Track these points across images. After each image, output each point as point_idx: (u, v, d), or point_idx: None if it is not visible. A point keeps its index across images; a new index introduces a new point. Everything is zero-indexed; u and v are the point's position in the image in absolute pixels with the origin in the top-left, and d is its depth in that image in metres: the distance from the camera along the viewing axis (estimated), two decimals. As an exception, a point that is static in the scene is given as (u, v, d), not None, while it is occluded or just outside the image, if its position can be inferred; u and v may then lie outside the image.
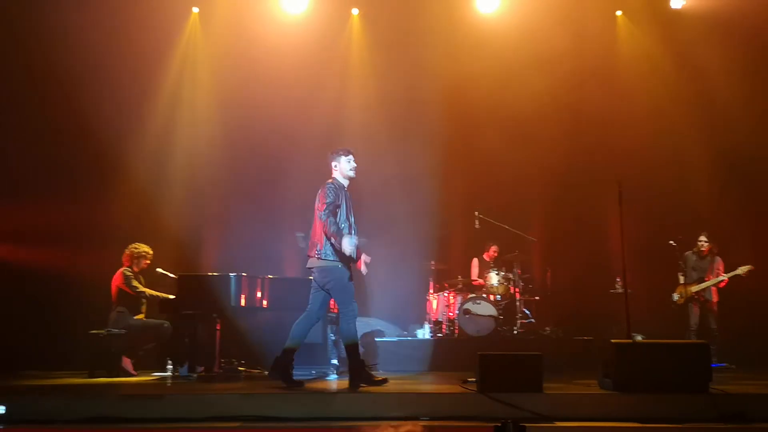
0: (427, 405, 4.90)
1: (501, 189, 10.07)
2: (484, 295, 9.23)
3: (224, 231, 9.71)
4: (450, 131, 9.98)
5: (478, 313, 8.94)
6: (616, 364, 5.22)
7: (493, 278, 9.43)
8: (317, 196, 5.94)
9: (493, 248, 9.84)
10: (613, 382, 5.21)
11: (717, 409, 4.80)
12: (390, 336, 9.07)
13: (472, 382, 5.37)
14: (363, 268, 6.14)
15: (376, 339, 8.75)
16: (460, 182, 10.09)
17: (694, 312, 8.75)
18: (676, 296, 8.93)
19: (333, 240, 5.72)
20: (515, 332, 9.17)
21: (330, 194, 5.80)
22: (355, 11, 10.56)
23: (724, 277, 8.60)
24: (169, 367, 7.55)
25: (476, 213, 9.54)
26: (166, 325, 7.64)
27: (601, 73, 10.00)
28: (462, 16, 10.30)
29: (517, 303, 9.39)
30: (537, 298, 9.77)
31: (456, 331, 9.10)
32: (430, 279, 9.62)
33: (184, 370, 7.23)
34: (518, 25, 10.03)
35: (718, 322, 8.72)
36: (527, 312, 9.52)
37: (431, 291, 9.56)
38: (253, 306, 7.36)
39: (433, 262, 9.62)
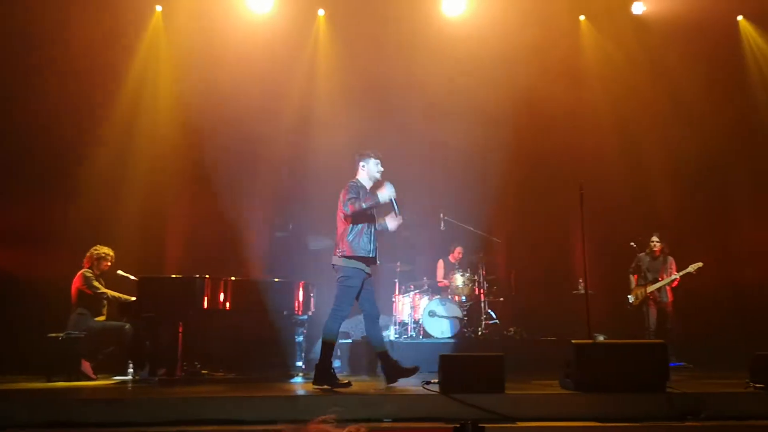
0: (388, 406, 4.89)
1: (466, 191, 10.12)
2: (450, 297, 9.27)
3: (187, 232, 9.60)
4: (415, 132, 10.02)
5: (443, 314, 8.98)
6: (576, 364, 5.27)
7: (459, 279, 9.48)
8: (339, 197, 5.97)
9: (458, 249, 9.89)
10: (574, 382, 5.27)
11: (674, 408, 4.88)
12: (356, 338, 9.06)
13: (434, 383, 5.38)
14: (393, 225, 6.18)
15: (340, 341, 8.71)
16: (425, 184, 10.11)
17: (651, 312, 8.89)
18: (631, 298, 9.07)
19: (365, 204, 5.80)
20: (480, 333, 9.23)
21: (352, 191, 5.89)
22: (321, 12, 10.53)
23: (677, 275, 8.74)
24: (130, 370, 7.43)
25: (441, 215, 9.58)
26: (126, 327, 7.52)
27: (564, 77, 10.12)
28: (428, 19, 10.34)
29: (482, 304, 9.45)
30: (501, 299, 9.84)
31: (421, 333, 9.12)
32: (396, 280, 9.63)
33: (145, 374, 7.12)
34: (483, 29, 10.12)
35: (674, 321, 8.86)
36: (492, 313, 9.58)
37: (396, 292, 9.57)
38: (216, 308, 7.28)
39: (398, 264, 9.63)
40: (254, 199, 9.77)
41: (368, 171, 6.12)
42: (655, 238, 8.99)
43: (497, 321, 9.54)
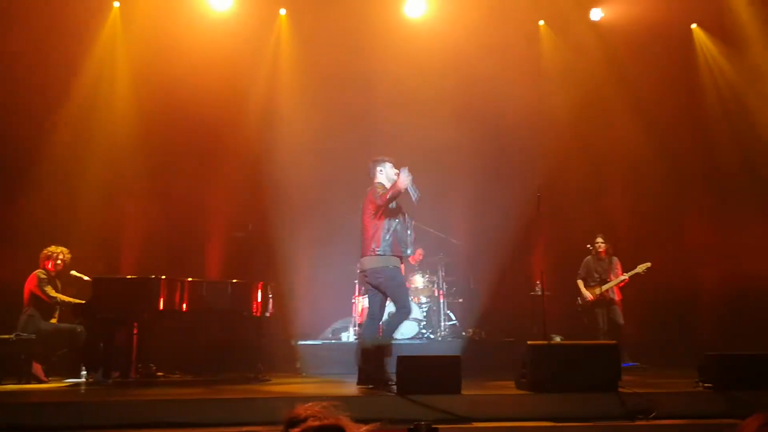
0: (345, 408, 4.87)
1: (426, 192, 10.14)
2: (410, 298, 9.27)
3: (144, 232, 9.45)
4: (376, 132, 10.03)
5: (403, 315, 8.98)
6: (531, 365, 5.35)
7: (419, 281, 9.51)
8: (365, 199, 6.17)
9: (419, 251, 9.92)
10: (529, 382, 5.34)
11: (625, 407, 4.97)
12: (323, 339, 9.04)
13: (391, 384, 5.39)
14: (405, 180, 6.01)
15: (300, 342, 8.69)
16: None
17: (601, 313, 9.00)
18: (580, 300, 9.18)
19: (390, 194, 5.92)
20: (439, 334, 9.28)
21: (378, 188, 6.12)
22: (282, 11, 10.48)
23: (626, 276, 8.88)
24: (83, 373, 7.29)
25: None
26: (79, 329, 7.37)
27: (523, 80, 10.22)
28: (390, 20, 10.36)
29: (441, 305, 9.50)
30: (461, 300, 9.90)
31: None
32: (355, 282, 9.61)
33: (98, 376, 6.99)
34: (444, 31, 10.18)
35: (624, 320, 8.97)
36: (451, 314, 9.63)
37: (356, 293, 9.55)
38: (172, 309, 7.18)
39: (358, 265, 9.59)
40: (214, 199, 9.67)
41: (386, 174, 6.33)
42: (599, 239, 9.10)
43: (456, 322, 9.59)
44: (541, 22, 10.88)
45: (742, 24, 9.98)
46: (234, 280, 7.67)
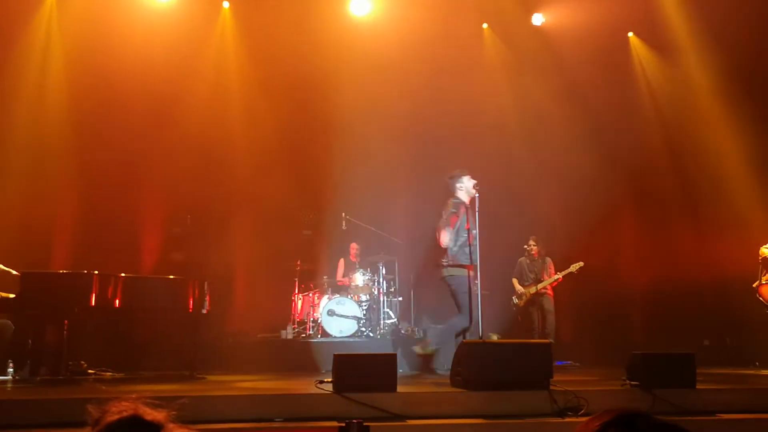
0: (280, 406, 4.86)
1: (367, 190, 10.18)
2: (349, 296, 9.30)
3: (76, 227, 9.18)
4: (319, 128, 10.01)
5: (342, 313, 9.01)
6: (465, 362, 5.43)
7: (359, 279, 9.53)
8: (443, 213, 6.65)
9: (353, 245, 9.92)
10: (463, 380, 5.42)
11: (556, 405, 5.10)
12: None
13: (327, 382, 5.39)
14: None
15: (235, 339, 8.59)
16: (329, 182, 10.11)
17: (535, 312, 9.22)
18: (515, 299, 9.38)
19: (458, 220, 6.53)
20: (378, 333, 9.31)
21: (452, 207, 6.65)
22: (225, 4, 10.34)
23: (559, 275, 9.12)
24: (10, 370, 7.03)
25: (344, 214, 9.62)
26: (6, 325, 7.10)
27: (466, 82, 10.37)
28: (335, 17, 10.34)
29: (381, 303, 9.53)
30: (400, 298, 9.96)
31: (320, 332, 9.11)
32: (295, 279, 9.57)
33: (26, 374, 6.76)
34: (388, 31, 10.21)
35: (556, 319, 9.19)
36: (390, 312, 9.68)
37: (296, 291, 9.51)
38: (105, 306, 6.99)
39: (298, 262, 9.58)
40: (150, 193, 9.47)
41: (466, 189, 6.77)
42: (531, 242, 9.36)
43: (396, 320, 9.64)
44: (485, 25, 11.04)
45: (676, 36, 10.33)
46: (170, 277, 7.53)
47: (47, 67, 9.47)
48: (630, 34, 11.12)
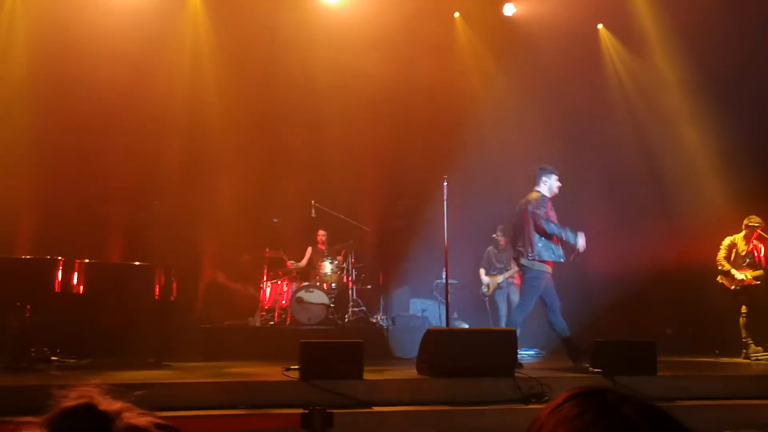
0: (245, 393, 4.86)
1: (338, 179, 10.16)
2: (318, 284, 9.29)
3: (41, 212, 9.00)
4: (288, 117, 9.95)
5: (311, 301, 8.99)
6: (432, 350, 5.47)
7: (327, 267, 9.51)
8: (526, 207, 6.64)
9: (320, 232, 9.89)
10: (429, 367, 5.46)
11: (520, 392, 5.17)
12: None
13: (294, 369, 5.39)
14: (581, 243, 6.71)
15: (202, 326, 8.54)
16: (298, 169, 10.05)
17: (503, 300, 9.31)
18: (484, 288, 9.47)
19: (564, 236, 6.57)
20: (346, 320, 9.32)
21: (542, 206, 6.60)
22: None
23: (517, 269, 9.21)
24: (-30, 357, 6.90)
25: (313, 202, 9.58)
26: (-33, 311, 6.97)
27: (436, 72, 10.37)
28: (306, 5, 10.26)
29: (350, 292, 9.54)
30: (369, 286, 9.97)
31: (288, 319, 9.09)
32: (264, 267, 9.53)
33: (-14, 361, 6.63)
34: (359, 19, 10.15)
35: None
36: (359, 301, 9.69)
37: (264, 279, 9.47)
38: (69, 292, 6.88)
39: (267, 250, 9.53)
40: (116, 178, 9.32)
41: (549, 186, 6.76)
42: (498, 231, 9.46)
43: (364, 308, 9.65)
44: (457, 14, 11.04)
45: (645, 29, 10.44)
46: (136, 263, 7.44)
47: (9, 48, 9.24)
48: (600, 26, 11.20)
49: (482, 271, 9.46)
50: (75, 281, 6.88)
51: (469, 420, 4.79)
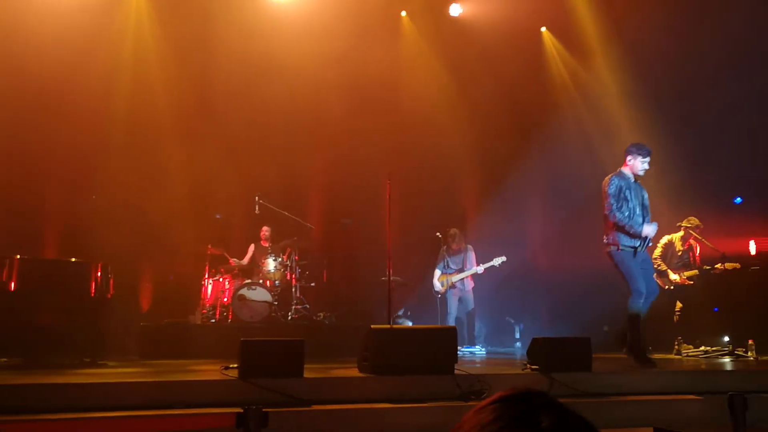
0: (182, 393, 4.76)
1: (282, 176, 10.07)
2: (261, 281, 9.20)
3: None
4: (233, 112, 9.81)
5: (253, 298, 8.90)
6: (374, 348, 5.47)
7: (270, 264, 9.42)
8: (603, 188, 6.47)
9: (264, 228, 9.80)
10: (371, 365, 5.46)
11: (460, 389, 5.21)
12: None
13: (233, 368, 5.32)
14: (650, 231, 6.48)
15: (140, 324, 8.35)
16: (242, 165, 9.92)
17: (454, 299, 9.41)
18: (437, 286, 9.54)
19: (626, 228, 6.32)
20: (290, 318, 9.26)
21: (612, 186, 6.39)
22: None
23: (481, 268, 9.34)
24: None
25: (257, 198, 9.48)
26: None
27: (382, 69, 10.38)
28: (251, 3, 10.13)
29: (293, 289, 9.48)
30: (313, 284, 9.92)
31: (230, 317, 8.97)
32: (206, 263, 9.37)
33: None
34: (305, 16, 10.10)
35: (480, 309, 9.45)
36: (303, 298, 9.64)
37: (206, 275, 9.32)
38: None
39: (209, 246, 9.38)
40: (54, 171, 9.03)
41: (632, 165, 6.52)
42: (453, 231, 9.53)
43: (307, 306, 9.61)
44: (404, 13, 11.07)
45: (585, 33, 10.67)
46: (71, 260, 7.23)
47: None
48: (543, 29, 11.40)
49: (438, 272, 9.51)
50: (5, 278, 6.64)
51: (409, 418, 4.81)
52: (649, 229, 6.45)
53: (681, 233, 8.84)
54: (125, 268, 8.97)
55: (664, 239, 8.98)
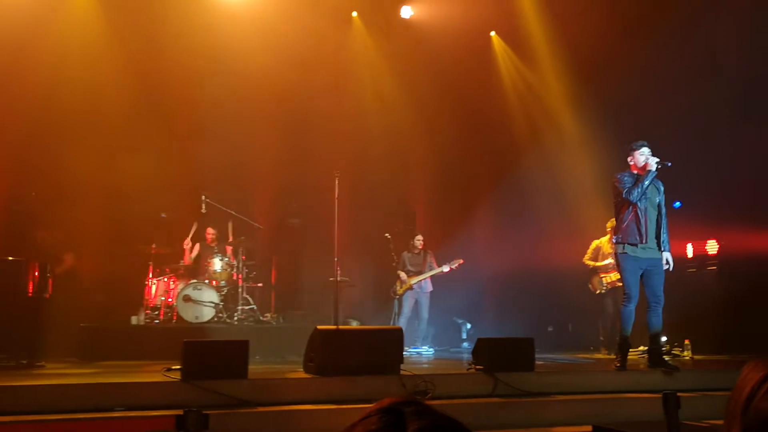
0: (122, 395, 4.66)
1: (229, 174, 9.94)
2: (207, 281, 9.06)
3: None
4: (180, 110, 9.66)
5: (199, 299, 8.75)
6: (319, 349, 5.46)
7: (217, 264, 9.28)
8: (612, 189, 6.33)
9: (210, 230, 9.64)
10: (316, 366, 5.44)
11: (405, 389, 5.24)
12: None
13: (176, 369, 5.23)
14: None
15: (82, 324, 8.14)
16: (188, 163, 9.76)
17: (410, 301, 9.45)
18: (397, 287, 9.57)
19: (645, 183, 6.07)
20: (236, 319, 9.14)
21: (623, 180, 6.21)
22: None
23: (447, 267, 9.39)
24: None
25: (203, 197, 9.33)
26: None
27: (332, 68, 10.38)
28: (201, 2, 9.99)
29: (240, 290, 9.36)
30: (260, 285, 9.82)
31: (174, 318, 8.80)
32: (150, 263, 9.18)
33: None
34: (254, 12, 10.00)
35: (430, 310, 9.51)
36: (249, 299, 9.52)
37: (150, 275, 9.13)
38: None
39: (153, 246, 9.19)
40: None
41: (636, 162, 6.28)
42: (419, 238, 9.64)
43: (254, 306, 9.49)
44: (355, 14, 11.07)
45: (532, 38, 10.86)
46: (8, 258, 7.00)
47: None
48: (492, 33, 11.56)
49: (402, 273, 9.54)
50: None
51: (355, 419, 4.78)
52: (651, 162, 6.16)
53: (608, 236, 9.08)
54: (66, 268, 8.75)
55: (594, 243, 9.28)
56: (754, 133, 8.81)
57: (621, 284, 8.84)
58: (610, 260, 8.82)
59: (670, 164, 6.19)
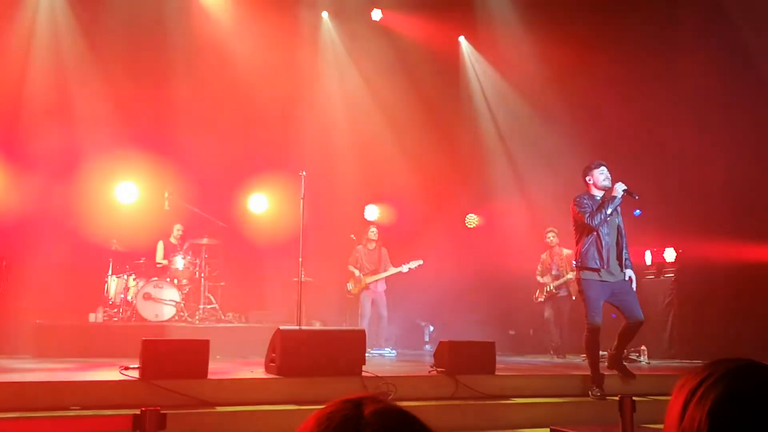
0: (77, 394, 4.58)
1: (193, 171, 9.81)
2: (168, 279, 8.93)
3: None
4: (144, 109, 9.52)
5: (159, 297, 8.64)
6: (281, 349, 5.43)
7: (179, 262, 9.16)
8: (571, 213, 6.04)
9: (177, 227, 9.53)
10: (278, 366, 5.41)
11: (367, 390, 5.24)
12: None
13: (134, 368, 5.15)
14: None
15: (38, 321, 7.97)
16: (152, 160, 9.62)
17: (368, 301, 9.44)
18: (350, 286, 9.55)
19: (608, 209, 5.84)
20: (197, 318, 9.03)
21: (583, 203, 5.93)
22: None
23: (406, 267, 9.38)
24: None
25: (166, 194, 9.21)
26: None
27: (299, 69, 10.36)
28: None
29: (202, 288, 9.26)
30: (223, 283, 9.71)
31: (134, 316, 8.66)
32: (110, 260, 9.02)
33: None
34: (224, 11, 9.93)
35: (391, 311, 9.53)
36: (211, 297, 9.42)
37: (110, 272, 8.97)
38: None
39: (114, 242, 9.03)
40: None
41: (595, 182, 6.03)
42: (372, 230, 9.58)
43: (216, 306, 9.40)
44: (325, 14, 11.05)
45: (501, 43, 10.98)
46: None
47: None
48: (461, 37, 11.65)
49: (356, 270, 9.47)
50: None
51: (315, 419, 4.80)
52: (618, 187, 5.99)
53: (548, 251, 9.44)
54: (19, 263, 8.53)
55: (543, 256, 9.51)
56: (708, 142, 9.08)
57: (556, 293, 9.22)
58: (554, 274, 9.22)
59: (637, 197, 6.06)
